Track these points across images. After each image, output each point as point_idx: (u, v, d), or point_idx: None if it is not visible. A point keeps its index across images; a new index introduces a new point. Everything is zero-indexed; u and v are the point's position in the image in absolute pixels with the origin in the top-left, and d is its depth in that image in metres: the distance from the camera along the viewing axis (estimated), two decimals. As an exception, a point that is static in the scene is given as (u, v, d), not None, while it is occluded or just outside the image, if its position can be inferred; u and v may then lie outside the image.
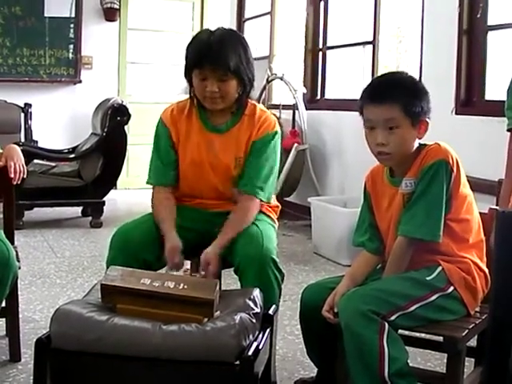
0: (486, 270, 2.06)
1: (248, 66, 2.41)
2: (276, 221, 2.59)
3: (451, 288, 1.99)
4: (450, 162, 1.99)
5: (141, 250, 2.32)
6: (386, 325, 1.87)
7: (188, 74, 2.44)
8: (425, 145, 2.07)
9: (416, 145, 2.06)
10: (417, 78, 2.15)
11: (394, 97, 1.99)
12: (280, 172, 4.87)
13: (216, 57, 2.33)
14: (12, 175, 2.63)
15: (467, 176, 2.07)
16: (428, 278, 1.98)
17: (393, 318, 1.89)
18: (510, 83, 2.09)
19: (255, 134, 2.46)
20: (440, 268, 2.01)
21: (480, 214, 2.12)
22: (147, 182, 2.58)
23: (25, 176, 2.69)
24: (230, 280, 2.83)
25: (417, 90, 2.04)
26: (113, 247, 2.37)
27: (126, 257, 2.28)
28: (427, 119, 2.04)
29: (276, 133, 2.49)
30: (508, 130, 2.06)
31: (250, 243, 2.28)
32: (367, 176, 2.23)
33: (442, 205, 1.99)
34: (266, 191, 2.46)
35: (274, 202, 2.62)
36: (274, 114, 2.71)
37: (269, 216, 2.54)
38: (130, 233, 2.37)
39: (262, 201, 2.46)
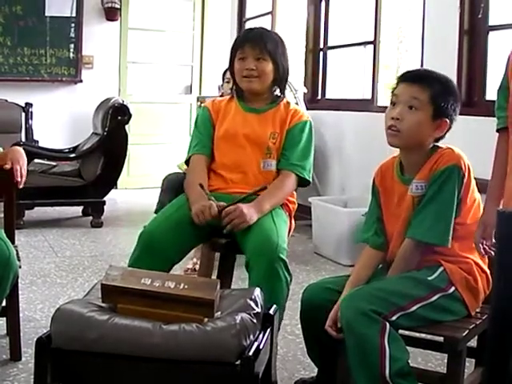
0: (488, 271, 2.06)
1: (283, 55, 2.67)
2: (291, 216, 2.62)
3: (452, 288, 1.99)
4: (463, 167, 2.00)
5: (164, 249, 2.38)
6: (387, 324, 1.87)
7: (231, 65, 2.64)
8: (438, 147, 2.07)
9: (430, 145, 2.07)
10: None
11: (428, 82, 2.03)
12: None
13: (255, 37, 2.61)
14: (18, 179, 2.62)
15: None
16: (429, 278, 1.98)
17: (394, 317, 1.89)
18: (501, 83, 2.09)
19: (290, 121, 2.61)
20: (441, 268, 2.01)
21: (482, 214, 2.12)
22: (186, 160, 2.68)
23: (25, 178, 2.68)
24: (244, 275, 2.81)
25: (451, 89, 2.08)
26: (138, 248, 2.41)
27: (150, 257, 2.35)
28: (448, 120, 2.05)
29: (310, 122, 2.68)
30: (497, 130, 2.06)
31: (262, 242, 2.29)
32: (376, 171, 2.22)
33: (453, 210, 2.00)
34: (306, 168, 2.60)
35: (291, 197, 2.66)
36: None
37: (286, 210, 2.58)
38: (154, 234, 2.41)
39: (303, 177, 2.59)
